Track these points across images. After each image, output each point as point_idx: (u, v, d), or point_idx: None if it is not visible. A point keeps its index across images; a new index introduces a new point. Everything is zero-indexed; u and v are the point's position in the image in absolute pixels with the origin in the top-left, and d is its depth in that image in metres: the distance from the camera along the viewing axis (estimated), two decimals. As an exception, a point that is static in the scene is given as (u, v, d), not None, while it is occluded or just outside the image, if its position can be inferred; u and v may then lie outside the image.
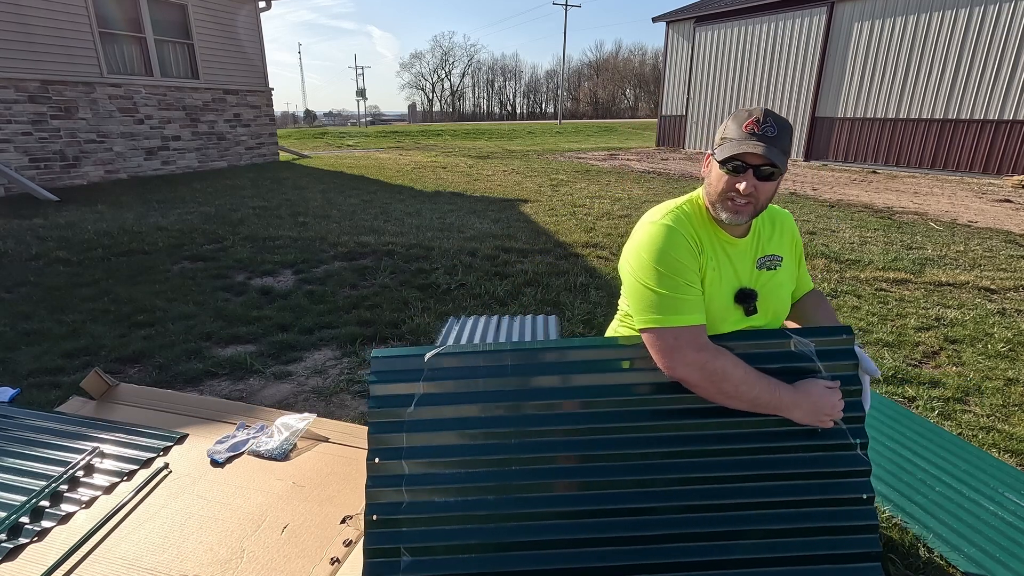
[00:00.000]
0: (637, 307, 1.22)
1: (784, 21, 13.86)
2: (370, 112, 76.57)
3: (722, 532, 1.18)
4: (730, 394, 1.18)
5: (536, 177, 10.30)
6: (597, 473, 1.20)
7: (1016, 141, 10.34)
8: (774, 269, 1.34)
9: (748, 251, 1.31)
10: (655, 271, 1.19)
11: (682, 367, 1.18)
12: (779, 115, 1.19)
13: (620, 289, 1.41)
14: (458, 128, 28.87)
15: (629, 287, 1.26)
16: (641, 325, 1.21)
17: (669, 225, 1.22)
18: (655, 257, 1.20)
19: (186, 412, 1.81)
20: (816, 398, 1.20)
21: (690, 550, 1.17)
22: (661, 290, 1.18)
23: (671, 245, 1.20)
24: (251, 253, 4.87)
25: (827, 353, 1.27)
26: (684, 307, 1.18)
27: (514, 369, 1.25)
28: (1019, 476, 1.93)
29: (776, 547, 1.18)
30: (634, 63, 79.57)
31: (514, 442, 1.21)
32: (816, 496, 1.21)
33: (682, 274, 1.19)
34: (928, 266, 4.65)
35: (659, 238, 1.21)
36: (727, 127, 1.22)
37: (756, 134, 1.16)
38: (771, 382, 1.19)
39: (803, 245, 1.50)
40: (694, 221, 1.26)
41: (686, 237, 1.22)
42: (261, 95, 11.85)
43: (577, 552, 1.16)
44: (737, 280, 1.29)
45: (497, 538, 1.16)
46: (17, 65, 7.73)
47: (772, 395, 1.18)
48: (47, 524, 1.30)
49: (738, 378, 1.17)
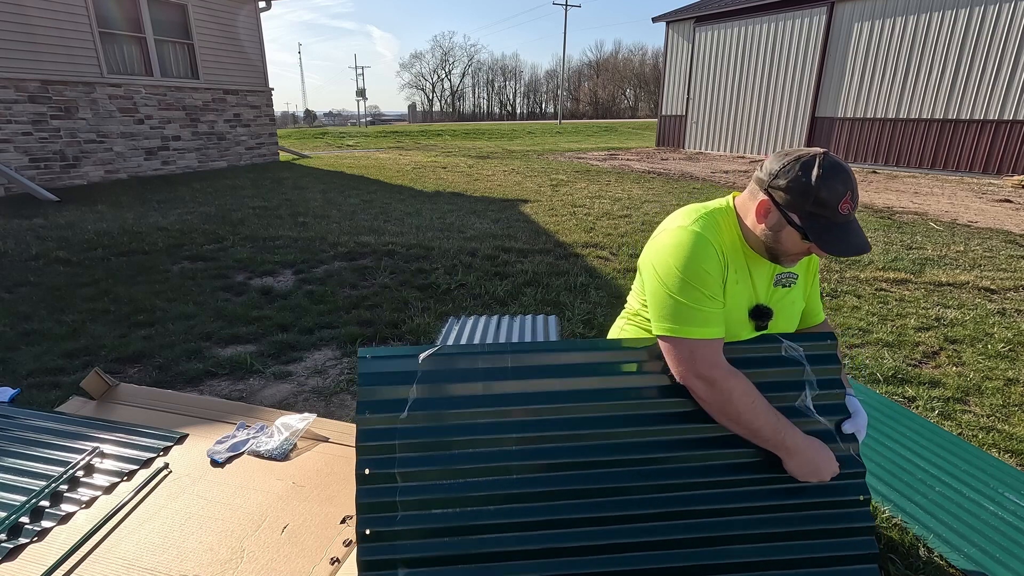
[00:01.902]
0: (657, 312, 1.21)
1: (784, 21, 13.86)
2: (370, 112, 76.61)
3: (720, 537, 1.18)
4: (732, 417, 1.18)
5: (536, 177, 10.30)
6: (600, 480, 1.18)
7: (1016, 141, 10.34)
8: (788, 287, 1.33)
9: (768, 267, 1.30)
10: (680, 279, 1.17)
11: (693, 379, 1.17)
12: (845, 164, 1.13)
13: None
14: (458, 128, 28.87)
15: (652, 291, 1.23)
16: (659, 331, 1.20)
17: (700, 233, 1.19)
18: (682, 265, 1.17)
19: (186, 412, 1.81)
20: (821, 458, 1.19)
21: (688, 555, 1.17)
22: (684, 299, 1.16)
23: (700, 255, 1.17)
24: (251, 253, 4.87)
25: (816, 358, 1.29)
26: (704, 319, 1.16)
27: (515, 372, 1.22)
28: (1019, 476, 1.93)
29: (775, 551, 1.18)
30: (634, 63, 79.66)
31: (515, 449, 1.18)
32: (813, 499, 1.21)
33: (707, 286, 1.17)
34: (928, 266, 4.64)
35: (688, 246, 1.18)
36: (816, 196, 1.10)
37: (850, 215, 1.12)
38: (779, 421, 1.18)
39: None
40: (723, 231, 1.24)
41: (715, 247, 1.19)
42: (261, 95, 11.85)
43: (580, 559, 1.15)
44: (755, 295, 1.29)
45: (499, 547, 1.13)
46: (17, 65, 7.73)
47: (775, 434, 1.17)
48: (47, 524, 1.30)
49: (744, 405, 1.16)
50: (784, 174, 1.14)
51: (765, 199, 1.17)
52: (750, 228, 1.23)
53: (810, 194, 1.10)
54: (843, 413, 1.27)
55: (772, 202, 1.16)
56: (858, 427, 1.27)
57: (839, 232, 1.11)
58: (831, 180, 1.09)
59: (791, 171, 1.13)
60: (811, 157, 1.12)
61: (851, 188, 1.10)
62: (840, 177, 1.09)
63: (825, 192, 1.09)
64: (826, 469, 1.19)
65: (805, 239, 1.14)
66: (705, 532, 1.18)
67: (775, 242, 1.19)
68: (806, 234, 1.13)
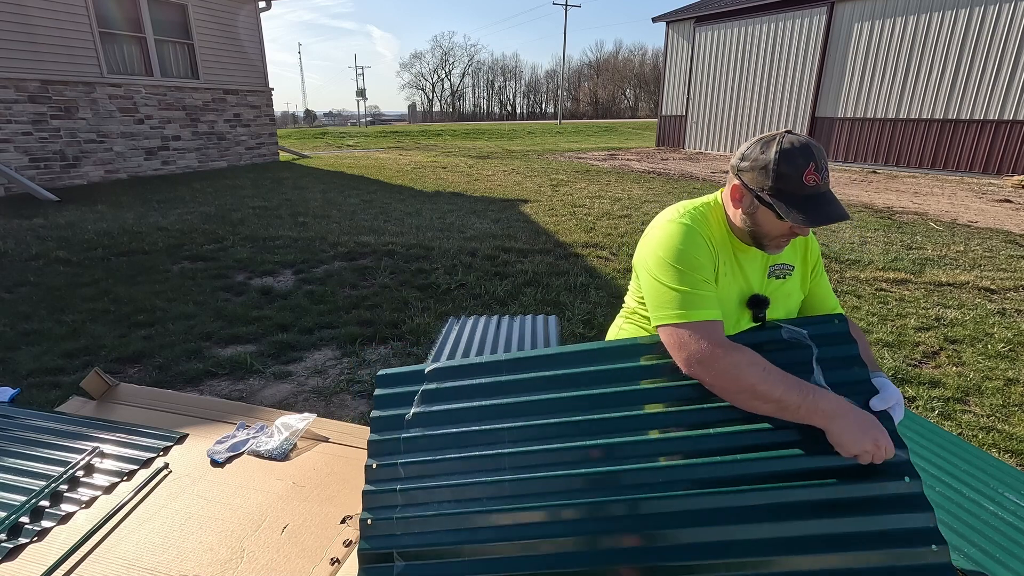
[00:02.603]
0: (654, 304, 1.21)
1: (784, 21, 13.86)
2: (370, 112, 76.62)
3: (726, 551, 1.05)
4: (748, 391, 1.07)
5: (536, 177, 10.30)
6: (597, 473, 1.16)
7: (1016, 141, 10.34)
8: (783, 278, 1.33)
9: (759, 258, 1.30)
10: (672, 268, 1.19)
11: (695, 365, 1.13)
12: (808, 139, 1.14)
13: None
14: (458, 128, 28.87)
15: (647, 285, 1.24)
16: (657, 322, 1.20)
17: (687, 224, 1.22)
18: (672, 255, 1.19)
19: (186, 412, 1.80)
20: (868, 417, 1.03)
21: (686, 570, 1.04)
22: (678, 286, 1.17)
23: (688, 243, 1.20)
24: (251, 253, 4.87)
25: (823, 338, 1.19)
26: (700, 302, 1.16)
27: (510, 384, 1.26)
28: (1019, 476, 1.93)
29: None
30: (634, 63, 79.65)
31: (507, 451, 1.18)
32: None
33: (699, 271, 1.19)
34: (928, 266, 4.65)
35: (676, 236, 1.21)
36: (776, 170, 1.12)
37: (819, 186, 1.12)
38: (803, 385, 1.07)
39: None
40: (711, 224, 1.26)
41: (703, 237, 1.21)
42: (261, 95, 11.86)
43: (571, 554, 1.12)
44: (748, 287, 1.29)
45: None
46: (17, 65, 7.73)
47: (803, 398, 1.04)
48: (47, 524, 1.30)
49: (756, 376, 1.07)
50: (747, 156, 1.19)
51: (736, 183, 1.22)
52: (732, 218, 1.26)
53: (769, 169, 1.13)
54: (867, 390, 1.10)
55: (742, 184, 1.20)
56: (889, 403, 1.10)
57: (808, 204, 1.12)
58: (790, 154, 1.12)
59: (753, 151, 1.18)
60: (772, 136, 1.16)
61: (814, 160, 1.11)
62: (799, 150, 1.12)
63: (785, 166, 1.12)
64: (879, 433, 1.01)
65: (780, 218, 1.15)
66: (705, 538, 1.05)
67: (754, 225, 1.21)
68: (774, 210, 1.14)
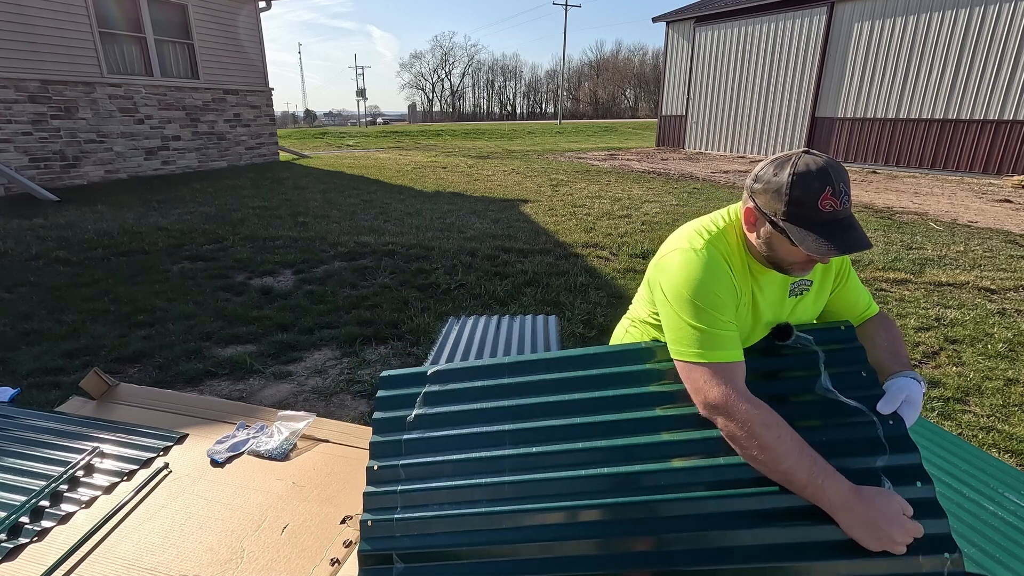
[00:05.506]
0: (671, 336, 1.16)
1: (784, 21, 13.86)
2: (370, 112, 76.62)
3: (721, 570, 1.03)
4: (756, 454, 1.01)
5: (536, 177, 10.30)
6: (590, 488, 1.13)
7: (1016, 141, 10.34)
8: (801, 295, 1.28)
9: (778, 279, 1.23)
10: (692, 305, 1.12)
11: (711, 408, 1.08)
12: (828, 160, 1.05)
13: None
14: (458, 128, 28.86)
15: (664, 313, 1.18)
16: (675, 356, 1.16)
17: (707, 256, 1.14)
18: (692, 290, 1.12)
19: (186, 412, 1.80)
20: (881, 511, 0.93)
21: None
22: (696, 324, 1.11)
23: (710, 278, 1.12)
24: (251, 253, 4.87)
25: (830, 340, 1.17)
26: (720, 343, 1.11)
27: (512, 388, 1.25)
28: (1019, 476, 1.93)
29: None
30: (634, 63, 79.63)
31: (508, 453, 1.18)
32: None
33: (719, 309, 1.12)
34: (928, 266, 4.64)
35: (697, 270, 1.13)
36: (789, 194, 1.04)
37: (837, 212, 1.03)
38: (816, 463, 0.97)
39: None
40: (730, 247, 1.19)
41: (726, 270, 1.15)
42: (261, 95, 11.85)
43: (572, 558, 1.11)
44: (767, 309, 1.23)
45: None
46: (17, 65, 7.73)
47: (811, 478, 0.96)
48: (47, 524, 1.30)
49: (767, 439, 0.99)
50: (761, 177, 1.11)
51: (750, 206, 1.14)
52: (749, 238, 1.18)
53: (782, 193, 1.05)
54: (875, 395, 1.08)
55: (756, 208, 1.12)
56: (895, 404, 1.06)
57: (825, 231, 1.03)
58: (805, 177, 1.03)
59: (767, 172, 1.10)
60: (788, 156, 1.08)
61: (831, 184, 1.02)
62: (815, 173, 1.03)
63: (799, 190, 1.03)
64: (895, 528, 0.91)
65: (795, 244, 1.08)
66: (714, 543, 1.02)
67: (769, 250, 1.13)
68: (788, 236, 1.06)
